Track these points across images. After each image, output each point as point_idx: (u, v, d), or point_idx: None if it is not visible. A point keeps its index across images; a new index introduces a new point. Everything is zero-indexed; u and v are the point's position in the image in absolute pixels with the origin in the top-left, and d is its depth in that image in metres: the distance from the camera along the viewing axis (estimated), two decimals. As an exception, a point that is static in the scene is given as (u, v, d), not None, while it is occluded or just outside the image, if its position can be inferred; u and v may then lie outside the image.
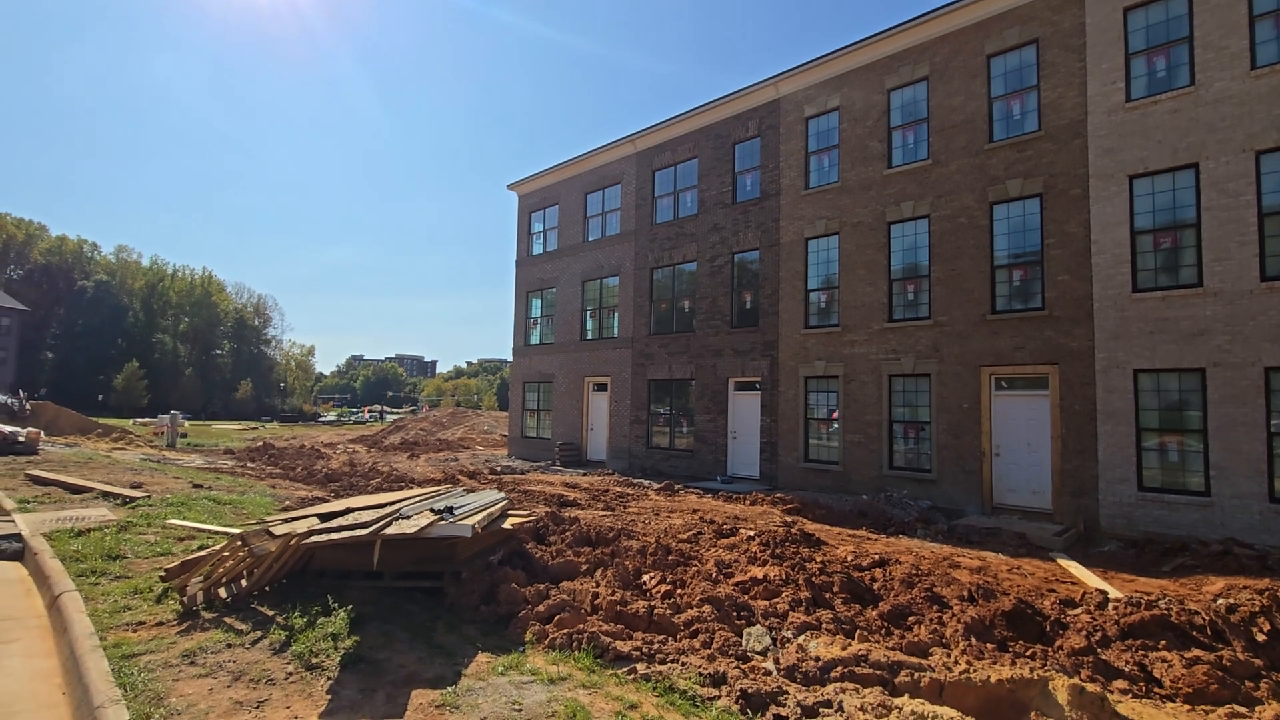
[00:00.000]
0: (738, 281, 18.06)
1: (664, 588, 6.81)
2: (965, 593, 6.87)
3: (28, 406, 25.02)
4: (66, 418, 25.65)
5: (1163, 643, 5.16)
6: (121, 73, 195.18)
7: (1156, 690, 4.72)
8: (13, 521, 7.68)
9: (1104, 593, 6.71)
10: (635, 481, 16.65)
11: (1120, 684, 4.77)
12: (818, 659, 4.99)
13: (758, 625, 5.88)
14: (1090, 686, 4.25)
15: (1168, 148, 11.28)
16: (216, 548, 5.65)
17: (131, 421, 39.17)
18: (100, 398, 59.31)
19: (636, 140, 20.97)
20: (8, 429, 15.55)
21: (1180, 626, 5.53)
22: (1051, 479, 12.21)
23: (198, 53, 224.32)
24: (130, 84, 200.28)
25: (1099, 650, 5.15)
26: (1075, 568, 8.92)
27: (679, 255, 19.47)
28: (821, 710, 4.06)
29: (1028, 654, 5.20)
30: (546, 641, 4.91)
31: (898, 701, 4.05)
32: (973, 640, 5.41)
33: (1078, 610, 6.18)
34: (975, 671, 4.58)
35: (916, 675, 4.63)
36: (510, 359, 26.51)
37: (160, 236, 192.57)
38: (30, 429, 16.62)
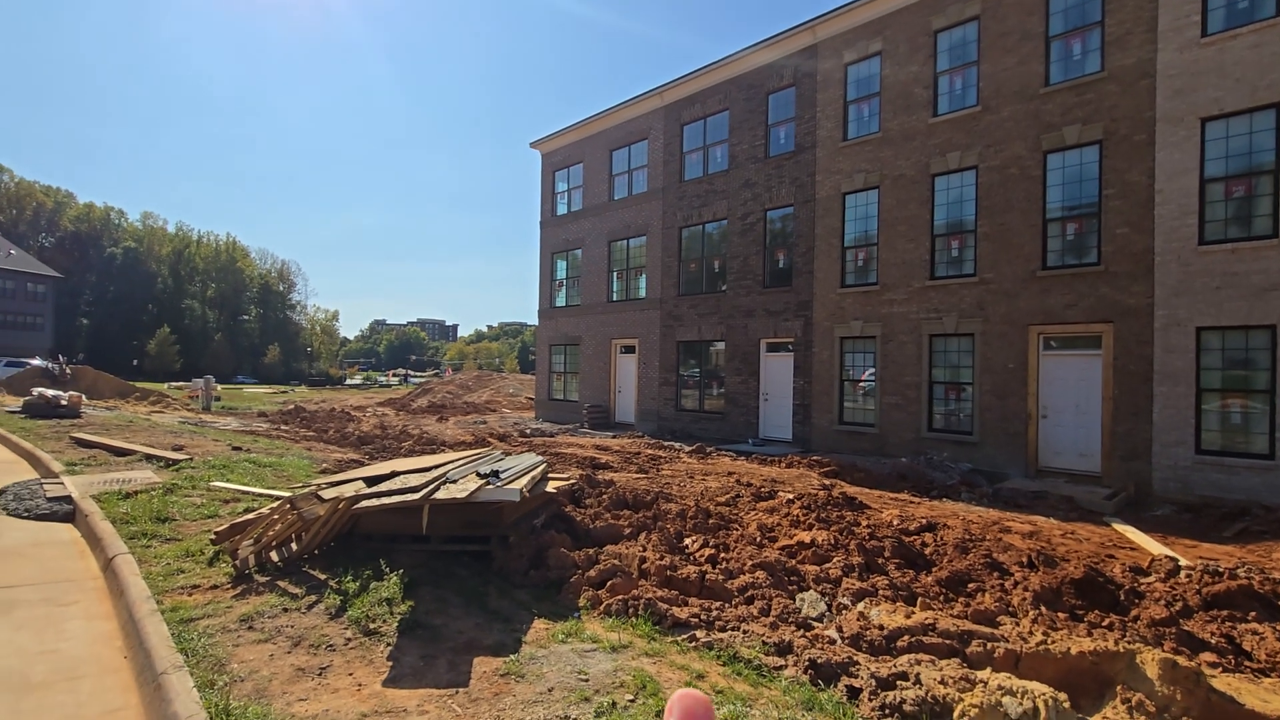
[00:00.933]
0: (770, 239, 17.51)
1: (708, 551, 6.68)
2: (1025, 559, 6.64)
3: (68, 371, 25.58)
4: (105, 382, 26.21)
5: (1252, 614, 4.88)
6: (136, 37, 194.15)
7: (1247, 664, 4.47)
8: (62, 484, 7.77)
9: (1174, 560, 6.42)
10: (666, 444, 16.55)
11: (1208, 657, 4.52)
12: (882, 627, 4.81)
13: (810, 591, 5.72)
14: (1182, 660, 4.01)
15: (1246, 86, 10.43)
16: (264, 510, 5.59)
17: (166, 385, 40.09)
18: (135, 362, 60.84)
19: (664, 93, 20.20)
20: (50, 393, 15.86)
21: (1265, 596, 5.24)
22: (1101, 441, 11.79)
23: (211, 15, 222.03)
24: (145, 49, 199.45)
25: (1181, 621, 4.90)
26: (1133, 533, 8.61)
27: (709, 213, 18.91)
28: (898, 683, 3.88)
29: (1103, 624, 4.96)
30: (601, 608, 4.79)
31: (981, 675, 3.85)
32: (1042, 609, 5.19)
33: (1150, 578, 5.91)
34: (1054, 642, 4.35)
35: (990, 646, 4.43)
36: (532, 322, 26.38)
37: (183, 203, 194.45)
38: (72, 392, 16.95)
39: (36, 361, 31.50)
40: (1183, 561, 6.54)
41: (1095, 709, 4.01)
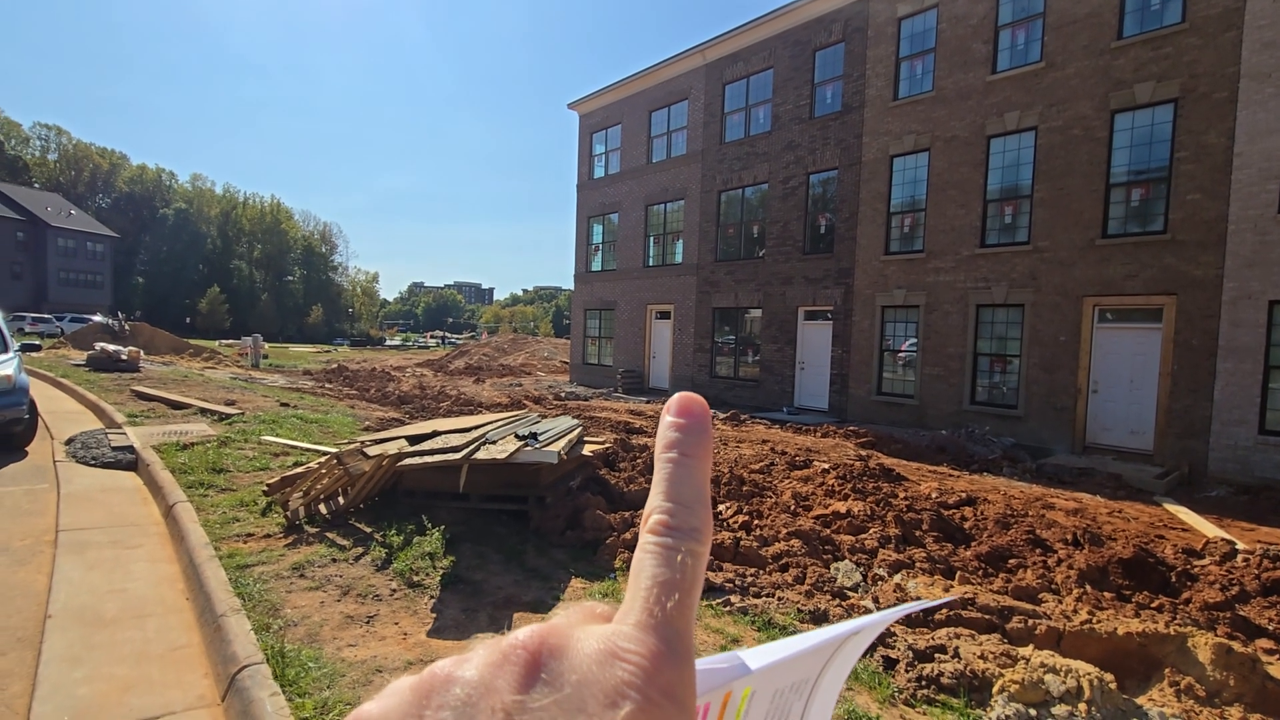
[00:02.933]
0: (812, 204, 17.01)
1: (741, 518, 6.69)
2: (1069, 536, 6.47)
3: (126, 327, 26.76)
4: (161, 338, 27.35)
5: (1315, 602, 4.66)
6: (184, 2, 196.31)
7: (1307, 653, 4.29)
8: (125, 434, 8.18)
9: (1230, 543, 6.17)
10: (699, 410, 16.50)
11: (1264, 643, 4.36)
12: (919, 600, 4.76)
13: (845, 561, 5.70)
14: (1237, 645, 3.87)
15: (1346, 38, 9.54)
16: (313, 464, 5.78)
17: (217, 343, 41.67)
18: (187, 320, 63.32)
19: (706, 50, 19.53)
20: (111, 347, 16.64)
21: (1330, 584, 5.00)
22: (1156, 418, 11.31)
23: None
24: (191, 12, 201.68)
25: (1237, 606, 4.72)
26: (1185, 513, 8.30)
27: (749, 176, 18.42)
28: (936, 655, 3.85)
29: (1152, 606, 4.82)
30: (637, 569, 4.85)
31: (1022, 651, 3.79)
32: (1088, 588, 5.06)
33: (1204, 561, 5.70)
34: (1099, 622, 4.25)
35: (1031, 622, 4.35)
36: (567, 286, 26.40)
37: (228, 165, 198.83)
38: (131, 348, 17.76)
39: (98, 318, 33.04)
40: (1239, 545, 6.28)
41: (1141, 692, 3.92)
